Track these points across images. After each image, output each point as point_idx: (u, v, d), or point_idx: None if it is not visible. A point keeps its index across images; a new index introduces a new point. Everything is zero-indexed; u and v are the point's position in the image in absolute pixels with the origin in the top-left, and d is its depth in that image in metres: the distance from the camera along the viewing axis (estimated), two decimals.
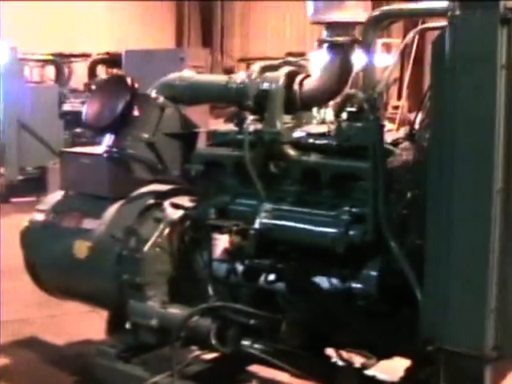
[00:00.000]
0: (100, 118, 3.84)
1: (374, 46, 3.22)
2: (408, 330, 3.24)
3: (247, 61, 15.51)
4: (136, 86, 3.83)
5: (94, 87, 4.33)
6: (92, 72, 12.56)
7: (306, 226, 3.33)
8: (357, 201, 3.28)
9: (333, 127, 3.47)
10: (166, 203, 4.06)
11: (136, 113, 3.84)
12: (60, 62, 12.48)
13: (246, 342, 3.53)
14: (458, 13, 2.58)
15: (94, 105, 3.91)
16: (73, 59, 13.88)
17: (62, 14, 16.86)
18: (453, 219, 2.64)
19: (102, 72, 12.76)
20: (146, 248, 3.84)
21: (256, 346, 3.49)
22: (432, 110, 2.74)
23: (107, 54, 12.36)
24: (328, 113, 3.65)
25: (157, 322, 3.83)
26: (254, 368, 4.27)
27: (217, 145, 3.83)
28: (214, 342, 3.58)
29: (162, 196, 4.09)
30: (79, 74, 13.94)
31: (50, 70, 13.29)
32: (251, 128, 3.52)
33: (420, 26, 3.30)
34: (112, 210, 4.21)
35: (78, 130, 10.61)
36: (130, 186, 4.27)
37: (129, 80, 3.83)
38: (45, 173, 9.88)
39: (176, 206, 4.04)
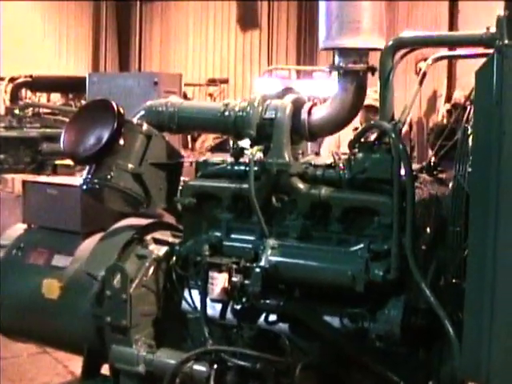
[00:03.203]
0: (83, 147, 3.52)
1: (393, 73, 3.06)
2: (426, 371, 3.12)
3: None
4: (122, 111, 3.54)
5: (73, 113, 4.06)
6: (14, 96, 12.00)
7: (321, 264, 3.14)
8: (373, 237, 3.11)
9: (338, 159, 3.31)
10: (148, 238, 3.79)
11: (121, 141, 3.55)
12: None
13: None
14: (507, 41, 2.46)
15: (75, 132, 3.59)
16: None
17: None
18: (499, 260, 2.51)
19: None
20: (132, 288, 3.54)
21: None
22: (475, 144, 2.60)
23: (30, 76, 11.84)
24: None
25: (144, 368, 3.53)
26: None
27: (207, 176, 3.60)
28: None
29: (142, 231, 3.81)
30: None
31: None
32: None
33: (437, 55, 3.17)
34: (86, 245, 3.90)
35: (1, 156, 10.08)
36: (102, 221, 3.99)
37: (114, 105, 3.54)
38: None
39: (160, 242, 3.77)
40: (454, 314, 2.83)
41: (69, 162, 8.64)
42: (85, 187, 3.67)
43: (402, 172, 2.99)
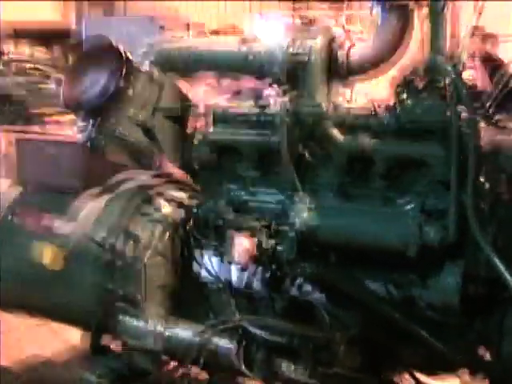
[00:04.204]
0: (86, 98, 3.09)
1: (447, 6, 2.66)
2: (483, 343, 2.78)
3: None
4: (130, 56, 3.11)
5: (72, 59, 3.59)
6: None
7: (367, 226, 2.76)
8: (422, 194, 2.74)
9: (377, 106, 2.92)
10: (161, 199, 3.38)
11: (130, 90, 3.12)
12: None
13: (284, 366, 2.92)
14: None
15: (77, 81, 3.15)
16: None
17: None
18: None
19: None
20: (146, 256, 3.15)
21: (300, 370, 2.89)
22: None
23: (14, 30, 11.27)
24: None
25: (160, 344, 3.16)
26: None
27: (226, 128, 3.18)
28: (243, 366, 2.96)
29: (153, 190, 3.41)
30: None
31: None
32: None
33: None
34: (90, 208, 3.49)
35: None
36: (106, 180, 3.59)
37: (121, 49, 3.10)
38: None
39: (174, 203, 3.37)
40: None
41: (57, 116, 8.20)
42: (89, 142, 3.25)
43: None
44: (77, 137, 3.38)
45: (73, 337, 4.40)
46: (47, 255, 3.47)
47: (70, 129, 7.12)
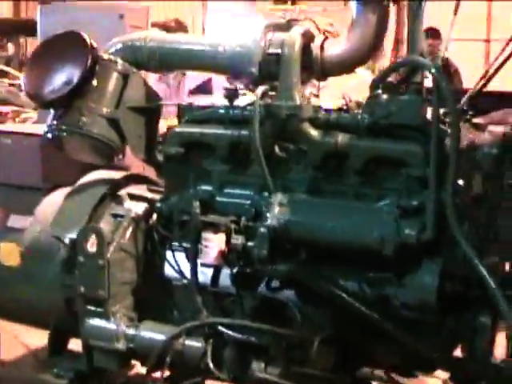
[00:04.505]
0: (49, 89, 2.97)
1: (424, 2, 2.63)
2: (454, 341, 2.77)
3: None
4: (95, 46, 3.00)
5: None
6: None
7: (343, 223, 2.70)
8: (396, 191, 2.70)
9: (349, 101, 2.89)
10: (124, 194, 3.28)
11: (94, 81, 3.02)
12: None
13: (255, 366, 2.86)
14: None
15: (39, 71, 3.02)
16: None
17: None
18: None
19: None
20: (110, 252, 3.04)
21: (271, 370, 2.83)
22: None
23: None
24: None
25: (125, 344, 3.06)
26: None
27: (194, 122, 3.10)
28: (212, 366, 2.88)
29: (115, 185, 3.30)
30: None
31: None
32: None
33: None
34: (48, 203, 3.37)
35: None
36: (66, 174, 3.47)
37: (86, 38, 2.99)
38: None
39: (137, 198, 3.28)
40: None
41: None
42: (50, 135, 3.13)
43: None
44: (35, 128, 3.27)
45: (24, 335, 4.28)
46: (2, 251, 3.34)
47: (12, 121, 6.94)
